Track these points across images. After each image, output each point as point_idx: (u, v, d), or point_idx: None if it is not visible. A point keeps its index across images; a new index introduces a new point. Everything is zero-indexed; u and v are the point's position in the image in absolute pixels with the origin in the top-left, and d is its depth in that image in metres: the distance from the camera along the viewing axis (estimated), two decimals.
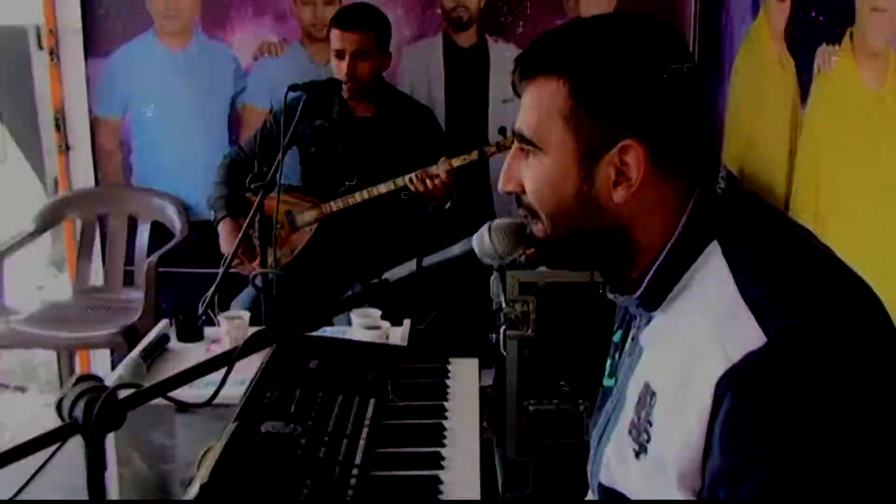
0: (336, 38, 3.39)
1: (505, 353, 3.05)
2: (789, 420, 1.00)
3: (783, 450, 1.00)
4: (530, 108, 1.23)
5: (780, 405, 1.01)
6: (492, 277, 3.26)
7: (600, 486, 1.29)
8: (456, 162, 3.29)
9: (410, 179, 3.30)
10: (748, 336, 1.04)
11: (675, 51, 1.20)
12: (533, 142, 1.23)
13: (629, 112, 1.18)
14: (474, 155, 3.30)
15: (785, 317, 1.05)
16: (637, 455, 1.18)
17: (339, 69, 3.39)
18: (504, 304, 3.02)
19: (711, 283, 1.15)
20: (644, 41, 1.20)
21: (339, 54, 3.38)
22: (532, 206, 1.27)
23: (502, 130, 3.38)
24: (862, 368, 1.03)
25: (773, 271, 1.13)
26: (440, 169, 3.27)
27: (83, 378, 1.19)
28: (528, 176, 1.26)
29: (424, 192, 3.30)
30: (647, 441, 1.16)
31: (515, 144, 1.29)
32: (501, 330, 3.05)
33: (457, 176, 3.31)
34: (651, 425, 1.16)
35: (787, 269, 1.14)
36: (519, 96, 1.27)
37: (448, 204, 3.35)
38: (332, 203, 3.46)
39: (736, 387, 1.03)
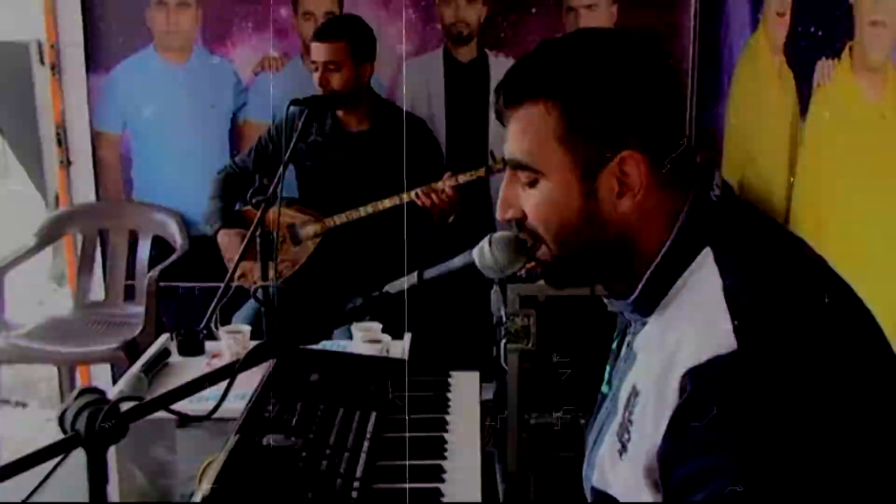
0: (312, 50, 3.44)
1: (505, 367, 3.05)
2: (732, 420, 1.02)
3: (722, 446, 1.02)
4: (521, 135, 1.23)
5: (729, 405, 1.03)
6: (492, 291, 3.27)
7: (593, 489, 1.29)
8: (462, 178, 3.29)
9: (416, 194, 3.29)
10: (721, 341, 1.06)
11: (655, 56, 1.23)
12: (531, 166, 1.23)
13: (622, 123, 1.18)
14: (481, 171, 3.28)
15: (763, 327, 1.07)
16: (621, 455, 1.20)
17: (315, 81, 3.42)
18: (504, 318, 3.02)
19: (701, 290, 1.16)
20: (621, 50, 1.22)
21: (315, 66, 3.41)
22: (536, 230, 1.26)
23: None
24: (833, 389, 1.04)
25: (761, 280, 1.14)
26: (445, 184, 3.27)
27: (85, 391, 1.20)
28: (529, 202, 1.25)
29: (430, 206, 3.30)
30: (629, 440, 1.18)
31: (508, 171, 1.28)
32: (502, 343, 3.05)
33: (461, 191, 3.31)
34: (632, 424, 1.18)
35: (777, 278, 1.15)
36: (503, 125, 1.27)
37: (451, 218, 3.35)
38: (335, 217, 3.46)
39: (696, 381, 1.06)
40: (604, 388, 1.43)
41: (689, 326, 1.13)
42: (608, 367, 1.45)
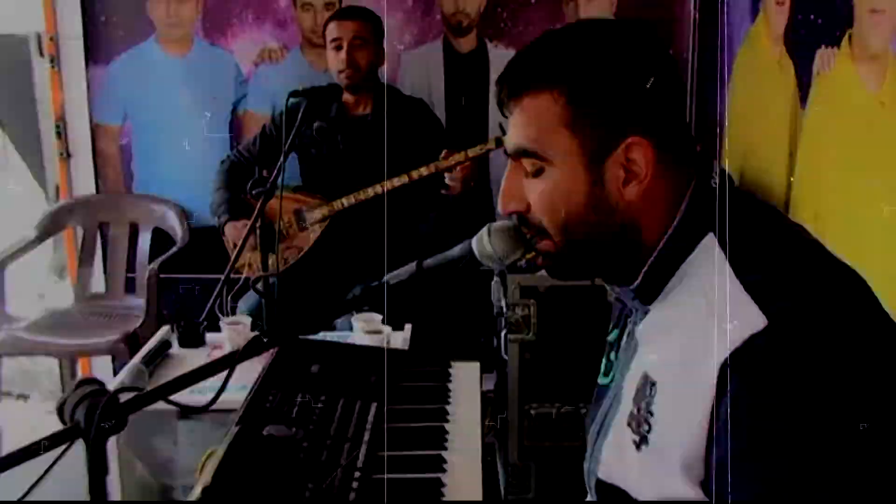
0: (332, 29, 3.44)
1: (506, 357, 3.05)
2: (795, 403, 1.02)
3: (791, 433, 1.01)
4: (527, 124, 1.23)
5: (786, 387, 1.02)
6: (493, 281, 3.27)
7: (598, 481, 1.29)
8: (472, 152, 3.27)
9: (439, 170, 3.28)
10: (750, 320, 1.06)
11: (655, 43, 1.24)
12: (537, 153, 1.22)
13: (627, 109, 1.19)
14: (491, 144, 3.26)
15: (784, 300, 1.07)
16: (638, 446, 1.19)
17: (336, 60, 3.42)
18: (505, 308, 3.02)
19: (709, 273, 1.15)
20: (623, 38, 1.23)
21: (337, 45, 3.41)
22: (540, 222, 1.25)
23: None
24: (859, 350, 1.05)
25: (769, 258, 1.15)
26: (453, 160, 3.25)
27: (85, 382, 1.20)
28: (535, 191, 1.24)
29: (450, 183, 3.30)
30: (649, 431, 1.17)
31: (511, 163, 1.28)
32: (502, 334, 3.05)
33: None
34: (652, 415, 1.16)
35: (783, 256, 1.16)
36: (505, 115, 1.26)
37: (471, 183, 3.31)
38: (343, 199, 3.44)
39: (740, 370, 1.04)
40: (602, 380, 1.43)
41: (705, 310, 1.12)
42: (604, 359, 1.45)
